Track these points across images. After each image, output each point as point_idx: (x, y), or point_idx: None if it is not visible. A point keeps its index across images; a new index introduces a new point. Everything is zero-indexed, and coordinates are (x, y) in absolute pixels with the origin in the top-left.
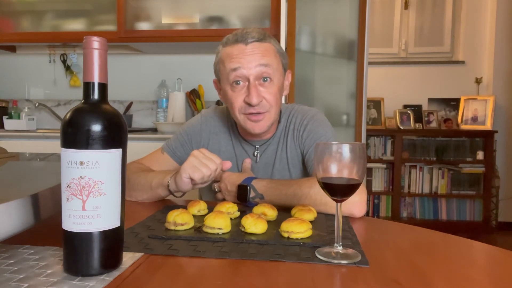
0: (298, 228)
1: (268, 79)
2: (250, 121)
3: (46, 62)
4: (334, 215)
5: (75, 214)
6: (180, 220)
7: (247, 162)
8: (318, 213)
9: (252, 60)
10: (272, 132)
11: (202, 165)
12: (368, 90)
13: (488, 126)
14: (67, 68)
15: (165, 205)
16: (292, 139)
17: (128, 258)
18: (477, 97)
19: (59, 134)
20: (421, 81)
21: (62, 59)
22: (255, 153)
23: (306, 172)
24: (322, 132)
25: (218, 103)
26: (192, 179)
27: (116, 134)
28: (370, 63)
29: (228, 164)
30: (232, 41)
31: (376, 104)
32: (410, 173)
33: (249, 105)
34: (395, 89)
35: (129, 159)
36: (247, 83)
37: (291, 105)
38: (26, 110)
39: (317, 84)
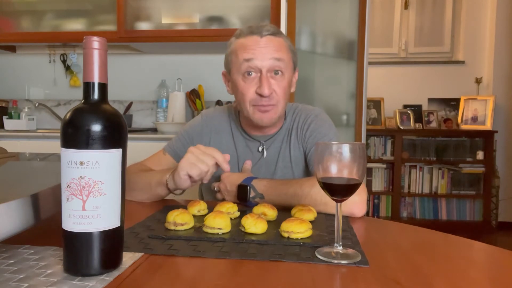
0: (298, 228)
1: (279, 72)
2: (259, 112)
3: (46, 62)
4: (334, 215)
5: (75, 214)
6: (180, 220)
7: (248, 164)
8: (318, 213)
9: (266, 52)
10: (277, 127)
11: (199, 161)
12: (368, 90)
13: (488, 126)
14: (67, 68)
15: (165, 205)
16: (296, 138)
17: (128, 258)
18: (477, 97)
19: (59, 134)
20: (421, 81)
21: (62, 59)
22: (260, 149)
23: (308, 171)
24: (325, 132)
25: (218, 103)
26: (190, 176)
27: (116, 134)
28: (370, 63)
29: (227, 156)
30: (247, 33)
31: (376, 104)
32: (410, 173)
33: (260, 96)
34: (395, 89)
35: (129, 159)
36: (259, 74)
37: (295, 104)
38: (26, 110)
39: (317, 84)
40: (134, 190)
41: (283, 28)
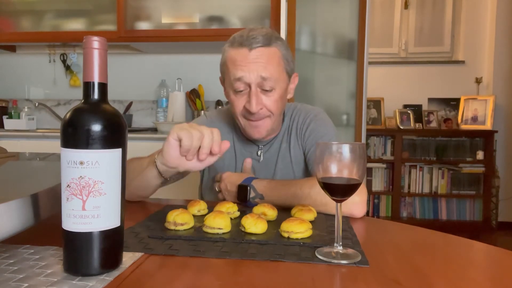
0: (298, 228)
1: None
2: (250, 127)
3: (46, 62)
4: (334, 215)
5: (75, 214)
6: (180, 220)
7: (248, 162)
8: (318, 213)
9: (254, 70)
10: (275, 133)
11: (192, 128)
12: (368, 90)
13: (488, 126)
14: (67, 68)
15: (165, 205)
16: (295, 138)
17: (128, 258)
18: (477, 97)
19: (59, 134)
20: (421, 81)
21: (62, 59)
22: (259, 153)
23: (309, 171)
24: (324, 132)
25: (218, 103)
26: (180, 140)
27: (116, 134)
28: (370, 63)
29: (226, 144)
30: (238, 44)
31: (376, 104)
32: (410, 173)
33: (249, 111)
34: (395, 89)
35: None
36: (248, 89)
37: (294, 104)
38: (26, 110)
39: (317, 84)
40: (129, 180)
41: (283, 28)
